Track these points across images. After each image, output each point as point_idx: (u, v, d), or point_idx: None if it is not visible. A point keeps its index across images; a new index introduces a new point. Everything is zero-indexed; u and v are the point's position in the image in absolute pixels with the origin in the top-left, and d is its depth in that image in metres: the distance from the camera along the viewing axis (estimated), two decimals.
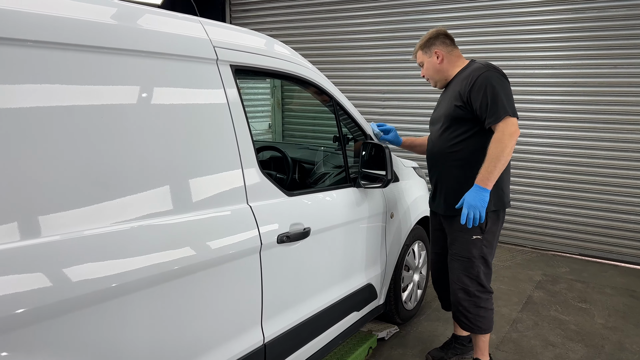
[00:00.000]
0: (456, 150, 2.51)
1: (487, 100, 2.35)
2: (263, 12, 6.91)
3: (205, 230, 1.71)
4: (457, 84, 2.53)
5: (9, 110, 1.25)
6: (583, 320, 3.63)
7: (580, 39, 4.88)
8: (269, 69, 2.14)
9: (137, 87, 1.56)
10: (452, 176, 2.55)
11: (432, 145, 2.68)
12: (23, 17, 1.29)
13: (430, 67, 2.66)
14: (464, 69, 2.57)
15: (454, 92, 2.51)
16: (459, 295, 2.59)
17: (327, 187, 2.55)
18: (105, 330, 1.41)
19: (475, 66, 2.50)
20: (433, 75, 2.68)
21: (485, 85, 2.36)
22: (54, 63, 1.35)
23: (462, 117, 2.46)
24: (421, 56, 2.69)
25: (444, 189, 2.61)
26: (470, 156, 2.47)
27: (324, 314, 2.36)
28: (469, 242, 2.52)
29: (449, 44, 2.63)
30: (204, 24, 1.85)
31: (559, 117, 5.08)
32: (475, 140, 2.46)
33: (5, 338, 1.19)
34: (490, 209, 2.46)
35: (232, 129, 1.85)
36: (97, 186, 1.42)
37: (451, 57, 2.62)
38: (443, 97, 2.67)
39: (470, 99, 2.41)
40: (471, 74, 2.45)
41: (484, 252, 2.54)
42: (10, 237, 1.23)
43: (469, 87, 2.41)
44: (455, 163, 2.52)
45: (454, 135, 2.51)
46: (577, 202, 5.13)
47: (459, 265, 2.58)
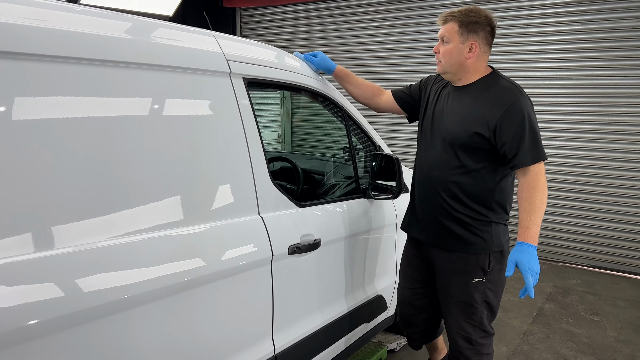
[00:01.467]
0: (462, 181, 2.08)
1: (524, 137, 1.95)
2: (273, 23, 6.98)
3: (217, 241, 1.73)
4: (478, 100, 2.04)
5: (26, 123, 1.27)
6: (595, 333, 3.60)
7: (590, 49, 4.88)
8: (281, 82, 2.16)
9: (151, 100, 1.58)
10: (450, 209, 2.12)
11: (428, 166, 2.19)
12: (43, 33, 1.32)
13: (454, 53, 2.05)
14: (485, 80, 2.09)
15: (474, 112, 2.03)
16: (460, 344, 2.19)
17: (337, 198, 2.56)
18: (117, 342, 1.41)
19: (504, 84, 2.05)
20: (449, 66, 2.09)
21: (523, 117, 1.96)
22: (71, 77, 1.37)
23: (476, 146, 2.03)
24: (452, 31, 2.04)
25: (436, 220, 2.17)
26: (477, 192, 2.08)
27: (334, 326, 2.36)
28: (470, 286, 2.12)
29: (489, 43, 2.10)
30: (218, 37, 1.88)
31: (570, 127, 5.07)
32: (486, 174, 2.06)
33: (19, 349, 1.20)
34: (495, 248, 2.11)
35: (244, 141, 1.87)
36: (110, 198, 1.43)
37: (482, 59, 2.09)
38: (451, 105, 2.14)
39: (499, 129, 1.96)
40: (501, 96, 1.99)
41: (488, 296, 2.14)
42: (24, 249, 1.24)
43: (501, 114, 1.96)
44: (458, 196, 2.10)
45: (461, 164, 2.07)
46: (588, 213, 5.10)
47: (458, 311, 2.18)
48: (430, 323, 2.48)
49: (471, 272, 2.11)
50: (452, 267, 2.16)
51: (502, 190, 2.11)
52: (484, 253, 2.10)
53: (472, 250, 2.11)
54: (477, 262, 2.11)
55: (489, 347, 2.23)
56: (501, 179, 2.09)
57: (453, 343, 2.25)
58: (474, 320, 2.16)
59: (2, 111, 1.23)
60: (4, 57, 1.24)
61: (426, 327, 2.48)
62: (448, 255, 2.17)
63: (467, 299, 2.14)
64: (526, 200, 1.98)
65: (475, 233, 2.10)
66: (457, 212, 2.10)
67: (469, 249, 2.11)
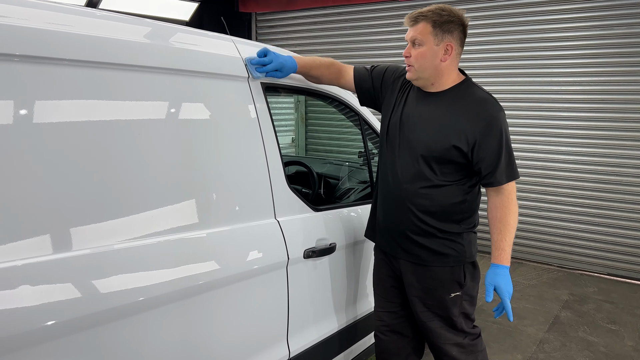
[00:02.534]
0: (434, 194, 1.96)
1: (501, 154, 1.89)
2: (288, 28, 7.01)
3: (234, 244, 1.74)
4: (456, 111, 1.92)
5: (49, 126, 1.30)
6: (612, 342, 3.54)
7: (606, 55, 4.83)
8: (297, 86, 2.18)
9: (171, 104, 1.60)
10: (421, 223, 1.99)
11: (396, 177, 2.02)
12: (67, 38, 1.35)
13: (428, 56, 1.89)
14: (459, 88, 1.96)
15: (452, 125, 1.90)
16: (453, 352, 2.09)
17: (352, 203, 2.56)
18: (132, 344, 1.43)
19: (481, 95, 1.93)
20: (423, 70, 1.92)
21: (501, 133, 1.89)
22: (91, 81, 1.39)
23: (451, 159, 1.92)
24: (425, 32, 1.88)
25: (407, 235, 2.02)
26: (449, 204, 1.97)
27: (349, 330, 2.36)
28: (447, 302, 2.03)
29: (462, 44, 1.96)
30: (237, 42, 1.90)
31: (587, 134, 5.01)
32: (458, 186, 1.97)
33: (37, 349, 1.22)
34: (467, 260, 2.02)
35: (261, 145, 1.88)
36: (128, 200, 1.45)
37: (455, 61, 1.95)
38: (423, 113, 1.98)
39: (478, 145, 1.88)
40: (481, 110, 1.89)
41: (465, 307, 2.07)
42: (43, 251, 1.26)
43: (481, 129, 1.87)
44: (429, 209, 1.97)
45: (433, 177, 1.95)
46: (605, 220, 5.03)
47: (438, 325, 2.08)
48: (413, 348, 2.27)
49: (448, 287, 2.02)
50: (428, 284, 2.05)
51: (472, 200, 2.04)
52: (458, 266, 2.02)
53: (447, 264, 2.01)
54: (452, 277, 2.02)
55: (480, 345, 2.17)
56: (471, 190, 2.02)
57: (445, 355, 2.12)
58: (456, 329, 2.09)
59: (27, 114, 1.26)
60: (31, 62, 1.27)
61: (409, 354, 2.26)
62: (422, 271, 2.04)
63: (446, 314, 2.06)
64: (500, 222, 1.95)
65: (448, 246, 2.00)
66: (429, 226, 1.98)
67: (443, 262, 2.01)
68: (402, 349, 2.24)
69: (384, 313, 2.24)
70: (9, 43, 1.23)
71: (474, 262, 2.07)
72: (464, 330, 2.09)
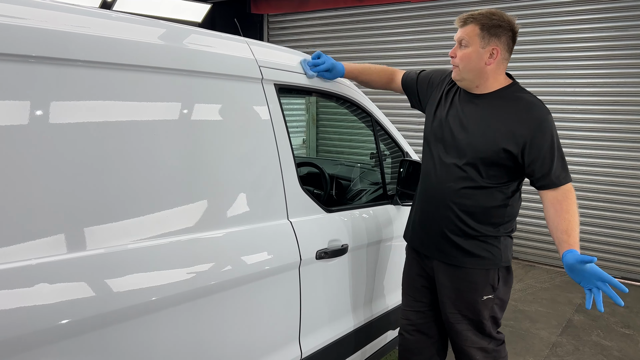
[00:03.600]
0: (477, 195, 1.96)
1: (554, 157, 1.87)
2: (300, 29, 7.03)
3: (246, 245, 1.75)
4: (504, 113, 1.92)
5: (64, 127, 1.31)
6: (626, 346, 3.50)
7: (622, 57, 4.78)
8: (310, 88, 2.18)
9: (185, 105, 1.61)
10: (462, 224, 1.99)
11: (439, 177, 2.03)
12: (79, 38, 1.36)
13: (473, 58, 1.91)
14: (507, 91, 1.97)
15: (501, 127, 1.90)
16: (477, 357, 2.09)
17: (364, 204, 2.56)
18: (144, 344, 1.44)
19: (529, 99, 1.92)
20: (467, 72, 1.94)
21: (552, 136, 1.87)
22: (106, 82, 1.41)
23: (499, 163, 1.92)
24: (472, 34, 1.90)
25: (446, 235, 2.03)
26: (492, 207, 1.97)
27: (360, 332, 2.36)
28: (479, 304, 2.02)
29: (510, 49, 1.97)
30: (250, 44, 1.91)
31: (600, 136, 4.97)
32: (502, 189, 1.96)
33: (51, 348, 1.23)
34: (502, 264, 2.02)
35: (274, 146, 1.89)
36: (141, 200, 1.46)
37: (502, 66, 1.96)
38: (469, 115, 1.99)
39: (529, 148, 1.86)
40: (530, 113, 1.88)
41: (495, 311, 2.07)
42: (58, 250, 1.28)
43: (531, 131, 1.85)
44: (471, 210, 1.98)
45: (478, 178, 1.95)
46: (619, 223, 4.98)
47: (466, 327, 2.08)
48: (437, 350, 2.28)
49: (480, 289, 2.01)
50: (460, 286, 2.04)
51: (514, 204, 2.03)
52: (493, 269, 2.01)
53: (481, 266, 2.00)
54: (487, 279, 2.01)
55: (503, 351, 2.17)
56: (514, 194, 2.01)
57: (468, 358, 2.12)
58: (484, 333, 2.09)
59: (43, 115, 1.28)
60: (48, 63, 1.28)
61: (432, 355, 2.28)
62: (455, 272, 2.04)
63: (476, 316, 2.05)
64: (567, 212, 1.87)
65: (485, 248, 2.00)
66: (469, 228, 1.98)
67: (478, 264, 2.00)
68: (425, 349, 2.25)
69: (411, 312, 2.26)
70: (26, 45, 1.24)
71: (508, 267, 2.06)
72: (491, 334, 2.09)
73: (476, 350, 2.09)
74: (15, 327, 1.16)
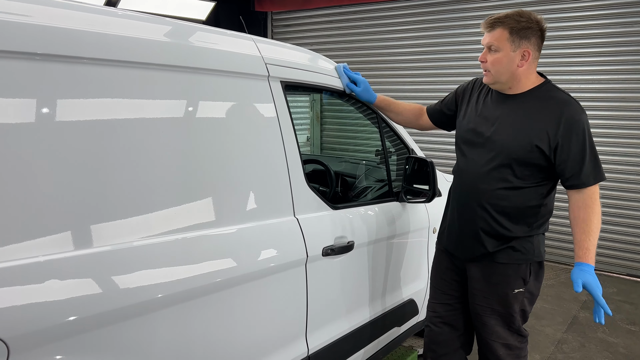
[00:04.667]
0: (511, 196, 1.97)
1: (585, 156, 1.88)
2: (304, 26, 7.02)
3: (253, 241, 1.75)
4: (537, 112, 1.91)
5: (70, 124, 1.31)
6: (632, 343, 3.50)
7: (627, 53, 4.76)
8: (316, 85, 2.18)
9: (191, 103, 1.62)
10: (496, 224, 2.00)
11: (473, 178, 2.05)
12: (88, 36, 1.36)
13: (505, 62, 1.90)
14: (540, 90, 1.96)
15: (533, 125, 1.90)
16: (500, 352, 2.10)
17: (370, 201, 2.57)
18: (152, 341, 1.44)
19: (563, 97, 1.92)
20: (500, 75, 1.94)
21: (584, 135, 1.88)
22: (114, 80, 1.41)
23: (533, 162, 1.92)
24: (502, 39, 1.88)
25: (480, 235, 2.04)
26: (525, 207, 1.98)
27: (366, 328, 2.36)
28: (510, 297, 2.04)
29: (539, 49, 1.94)
30: (257, 41, 1.91)
31: (607, 132, 4.95)
32: (536, 189, 1.97)
33: (59, 344, 1.24)
34: (535, 259, 2.04)
35: (281, 143, 1.89)
36: (148, 198, 1.47)
37: (533, 66, 1.95)
38: (502, 115, 1.99)
39: (561, 146, 1.86)
40: (563, 111, 1.87)
41: (525, 304, 2.08)
42: (65, 247, 1.28)
43: (563, 130, 1.86)
44: (505, 210, 1.99)
45: (512, 178, 1.95)
46: (625, 220, 4.96)
47: (495, 322, 2.09)
48: (462, 343, 2.30)
49: (512, 283, 2.02)
50: (491, 279, 2.06)
51: (549, 203, 2.04)
52: (525, 263, 2.02)
53: (514, 260, 2.02)
54: (518, 273, 2.03)
55: (525, 350, 2.19)
56: (549, 193, 2.02)
57: (491, 353, 2.14)
58: (512, 328, 2.10)
59: (50, 112, 1.28)
60: (54, 60, 1.29)
61: (458, 349, 2.29)
62: (488, 265, 2.06)
63: (507, 309, 2.06)
64: (584, 222, 1.91)
65: (519, 244, 2.01)
66: (503, 228, 1.99)
67: (511, 259, 2.02)
68: (451, 342, 2.27)
69: (438, 305, 2.28)
70: (31, 42, 1.24)
71: (540, 262, 2.08)
72: (519, 329, 2.11)
73: (500, 345, 2.11)
74: (24, 324, 1.17)
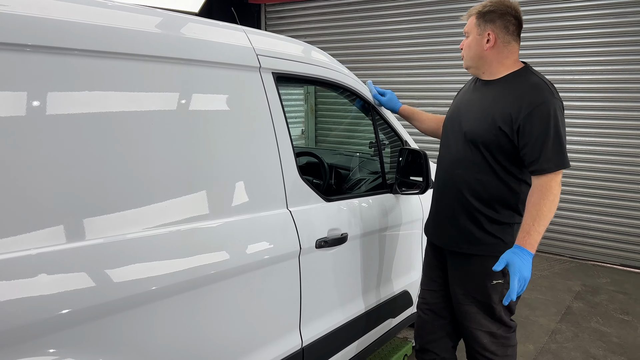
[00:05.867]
0: (486, 180, 1.99)
1: (547, 141, 1.83)
2: (298, 19, 6.99)
3: (246, 234, 1.74)
4: (504, 96, 1.94)
5: (59, 118, 1.30)
6: (625, 333, 3.52)
7: (621, 43, 4.76)
8: (309, 76, 2.17)
9: (182, 95, 1.60)
10: (473, 209, 2.03)
11: (449, 164, 2.10)
12: (77, 27, 1.35)
13: (472, 45, 2.02)
14: (515, 75, 1.98)
15: (499, 108, 1.92)
16: (484, 340, 2.10)
17: (364, 193, 2.56)
18: (145, 333, 1.44)
19: (534, 80, 1.92)
20: (470, 59, 2.05)
21: (549, 119, 1.83)
22: (104, 71, 1.40)
23: (500, 145, 1.93)
24: (471, 24, 2.03)
25: (456, 221, 2.08)
26: (502, 192, 1.99)
27: (360, 320, 2.36)
28: (488, 288, 2.03)
29: (512, 33, 1.99)
30: (248, 32, 1.90)
31: (600, 123, 4.96)
32: (511, 174, 1.98)
33: (51, 337, 1.23)
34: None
35: (273, 135, 1.88)
36: (140, 191, 1.46)
37: (505, 50, 1.99)
38: (474, 99, 2.07)
39: (522, 130, 1.86)
40: (529, 94, 1.87)
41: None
42: (56, 240, 1.27)
43: (526, 113, 1.85)
44: (481, 195, 2.00)
45: (484, 162, 1.98)
46: (618, 210, 4.99)
47: (476, 310, 2.10)
48: (449, 332, 2.29)
49: (491, 274, 1.99)
50: (470, 270, 2.07)
51: (527, 191, 1.97)
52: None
53: (492, 252, 2.00)
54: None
55: (513, 340, 2.16)
56: (526, 180, 1.99)
57: (475, 342, 2.12)
58: (494, 318, 2.09)
59: (39, 105, 1.27)
60: (44, 52, 1.27)
61: (444, 337, 2.29)
62: (465, 257, 2.07)
63: (486, 300, 2.05)
64: (534, 206, 1.85)
65: (496, 235, 2.01)
66: (479, 213, 2.01)
67: (489, 251, 2.01)
68: (438, 330, 2.29)
69: (426, 291, 2.33)
70: (22, 33, 1.23)
71: None
72: (502, 319, 2.09)
73: (484, 333, 2.10)
74: (16, 318, 1.16)
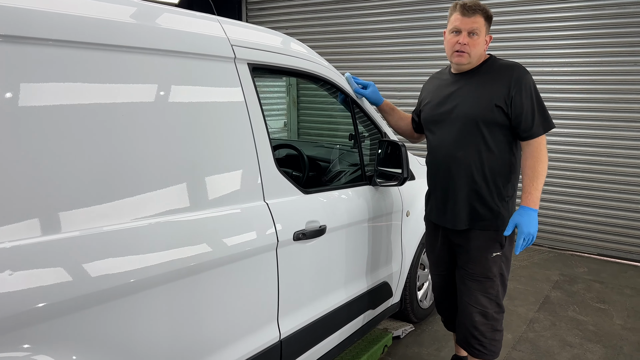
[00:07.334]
0: (487, 159, 2.19)
1: (534, 109, 2.13)
2: (279, 10, 6.93)
3: (222, 227, 1.73)
4: (492, 78, 2.18)
5: (32, 109, 1.28)
6: (601, 321, 3.59)
7: (599, 35, 4.82)
8: (286, 67, 2.15)
9: (155, 86, 1.58)
10: (473, 187, 2.23)
11: (449, 149, 2.27)
12: (44, 16, 1.31)
13: (481, 45, 2.20)
14: (488, 62, 2.26)
15: (490, 89, 2.16)
16: (476, 319, 2.31)
17: (343, 185, 2.56)
18: (122, 326, 1.43)
19: (508, 63, 2.23)
20: (475, 56, 2.22)
21: (531, 90, 2.14)
22: (75, 62, 1.37)
23: (496, 121, 2.16)
24: (481, 24, 2.19)
25: (460, 201, 2.26)
26: (501, 168, 2.21)
27: (339, 311, 2.37)
28: (489, 261, 2.25)
29: None
30: (222, 22, 1.87)
31: (579, 115, 5.02)
32: (506, 149, 2.20)
33: (26, 332, 1.22)
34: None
35: (249, 126, 1.87)
36: (116, 183, 1.44)
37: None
38: (463, 89, 2.26)
39: (514, 102, 2.12)
40: (509, 73, 2.16)
41: (503, 269, 2.31)
42: (32, 233, 1.25)
43: (513, 88, 2.12)
44: (485, 173, 2.21)
45: (485, 141, 2.19)
46: (596, 201, 5.06)
47: (476, 286, 2.30)
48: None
49: (491, 247, 2.25)
50: (473, 244, 2.27)
51: (518, 164, 2.26)
52: (502, 228, 2.23)
53: (492, 228, 2.23)
54: (496, 238, 2.25)
55: (501, 324, 2.36)
56: (516, 153, 2.24)
57: (468, 319, 2.33)
58: (491, 294, 2.29)
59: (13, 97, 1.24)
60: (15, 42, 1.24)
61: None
62: (470, 234, 2.28)
63: (486, 272, 2.27)
64: (530, 168, 2.14)
65: (498, 210, 2.23)
66: (484, 191, 2.22)
67: (490, 226, 2.24)
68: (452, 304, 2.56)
69: (436, 276, 2.60)
70: None
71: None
72: (498, 296, 2.31)
73: (477, 312, 2.31)
74: None
